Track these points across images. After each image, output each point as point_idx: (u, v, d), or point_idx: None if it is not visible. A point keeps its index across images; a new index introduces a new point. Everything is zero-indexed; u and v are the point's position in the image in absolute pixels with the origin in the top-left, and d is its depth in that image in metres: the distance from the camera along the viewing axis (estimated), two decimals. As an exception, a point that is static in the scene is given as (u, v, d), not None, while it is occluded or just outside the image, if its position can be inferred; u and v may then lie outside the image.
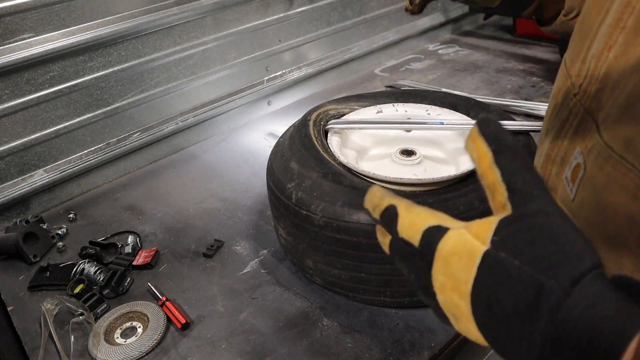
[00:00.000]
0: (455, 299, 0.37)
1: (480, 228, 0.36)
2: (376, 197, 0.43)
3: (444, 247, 0.37)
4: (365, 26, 1.83)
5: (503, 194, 0.36)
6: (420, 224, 0.39)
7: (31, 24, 1.10)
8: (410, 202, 0.42)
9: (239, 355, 0.81)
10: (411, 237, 0.39)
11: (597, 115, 0.45)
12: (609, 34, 0.45)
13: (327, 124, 1.00)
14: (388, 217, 0.42)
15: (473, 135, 0.38)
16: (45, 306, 0.89)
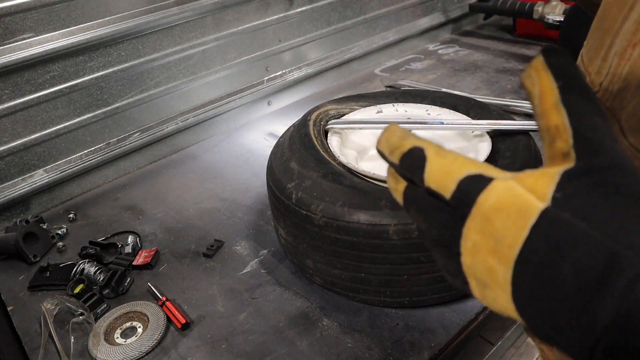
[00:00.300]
0: (492, 264, 0.30)
1: (538, 181, 0.29)
2: (395, 136, 0.36)
3: (486, 200, 0.30)
4: (365, 26, 1.83)
5: (568, 141, 0.30)
6: (457, 172, 0.32)
7: (31, 24, 1.10)
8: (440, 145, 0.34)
9: (239, 355, 0.81)
10: (443, 186, 0.32)
11: (619, 115, 0.44)
12: (634, 30, 0.43)
13: (327, 124, 1.00)
14: (412, 161, 0.34)
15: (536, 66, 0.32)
16: (45, 306, 0.89)
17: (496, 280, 0.30)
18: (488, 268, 0.31)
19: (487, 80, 1.70)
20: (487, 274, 0.31)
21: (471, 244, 0.31)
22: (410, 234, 0.74)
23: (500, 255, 0.30)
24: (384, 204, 0.76)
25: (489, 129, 0.93)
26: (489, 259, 0.30)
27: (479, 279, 0.32)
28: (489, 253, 0.30)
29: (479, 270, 0.31)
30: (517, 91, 1.61)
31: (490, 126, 0.93)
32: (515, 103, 1.45)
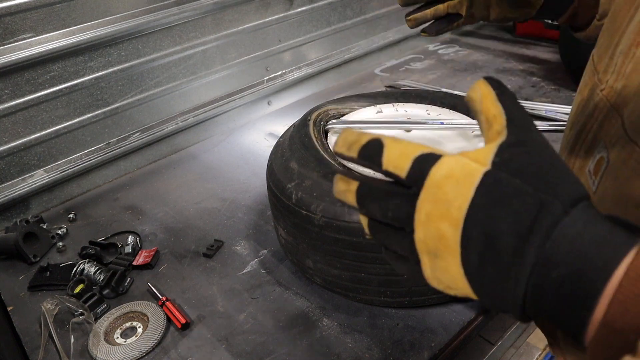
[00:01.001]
0: (443, 228, 0.35)
1: (479, 153, 0.36)
2: (352, 135, 0.40)
3: (437, 171, 0.35)
4: (365, 26, 1.83)
5: (502, 123, 0.37)
6: (411, 152, 0.37)
7: (31, 24, 1.10)
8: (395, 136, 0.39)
9: (239, 355, 0.81)
10: (399, 166, 0.37)
11: (622, 111, 0.46)
12: (637, 30, 0.45)
13: (327, 124, 1.00)
14: (371, 149, 0.38)
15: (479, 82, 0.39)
16: (45, 306, 0.89)
17: (447, 245, 0.35)
18: (440, 234, 0.35)
19: (487, 80, 1.70)
20: (438, 241, 0.35)
21: (424, 215, 0.35)
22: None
23: (451, 218, 0.34)
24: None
25: (489, 129, 0.93)
26: (440, 224, 0.35)
27: (431, 251, 0.36)
28: (440, 218, 0.35)
29: (431, 239, 0.35)
30: (517, 91, 1.61)
31: (490, 126, 0.93)
32: (515, 103, 1.45)
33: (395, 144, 0.38)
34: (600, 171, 0.48)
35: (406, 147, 0.37)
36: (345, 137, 0.40)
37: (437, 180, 0.35)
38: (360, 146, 0.39)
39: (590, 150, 0.51)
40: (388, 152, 0.37)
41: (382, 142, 0.38)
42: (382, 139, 0.38)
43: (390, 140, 0.38)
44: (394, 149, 0.37)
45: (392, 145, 0.38)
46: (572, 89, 1.57)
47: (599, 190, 0.48)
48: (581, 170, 0.53)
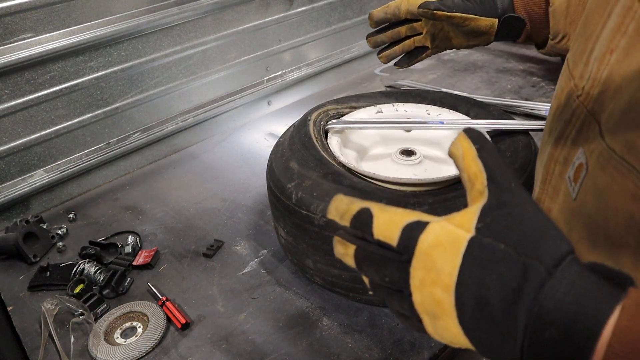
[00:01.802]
0: (437, 293, 0.36)
1: (463, 217, 0.37)
2: (343, 204, 0.43)
3: (425, 240, 0.37)
4: (365, 26, 1.82)
5: (483, 183, 0.38)
6: (399, 221, 0.39)
7: (31, 24, 1.09)
8: (383, 204, 0.41)
9: (239, 355, 0.81)
10: (389, 236, 0.39)
11: (599, 118, 0.46)
12: (610, 37, 0.45)
13: (327, 124, 1.00)
14: (361, 220, 0.41)
15: (459, 137, 0.41)
16: (45, 306, 0.89)
17: (443, 308, 0.36)
18: (435, 299, 0.37)
19: (487, 80, 1.70)
20: (435, 305, 0.37)
21: (418, 281, 0.37)
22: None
23: (443, 284, 0.36)
24: (384, 203, 0.76)
25: (489, 129, 0.93)
26: (434, 290, 0.36)
27: (429, 312, 0.37)
28: (433, 284, 0.36)
29: (427, 302, 0.37)
30: (517, 91, 1.61)
31: (490, 126, 0.93)
32: (515, 103, 1.46)
33: (382, 213, 0.40)
34: (580, 178, 0.48)
35: (393, 216, 0.40)
36: (336, 205, 0.43)
37: (425, 248, 0.37)
38: (351, 216, 0.41)
39: (569, 156, 0.51)
40: (377, 222, 0.40)
41: (371, 212, 0.40)
42: (371, 208, 0.41)
43: (378, 210, 0.40)
44: (382, 219, 0.40)
45: (380, 216, 0.40)
46: (572, 89, 1.57)
47: (579, 197, 0.48)
48: (561, 177, 0.53)
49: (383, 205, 0.41)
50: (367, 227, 0.40)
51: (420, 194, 0.79)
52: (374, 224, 0.40)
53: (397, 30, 0.95)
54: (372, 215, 0.40)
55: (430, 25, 0.92)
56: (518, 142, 0.89)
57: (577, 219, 0.48)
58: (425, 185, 0.82)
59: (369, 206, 0.41)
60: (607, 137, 0.44)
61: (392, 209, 0.40)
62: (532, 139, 0.92)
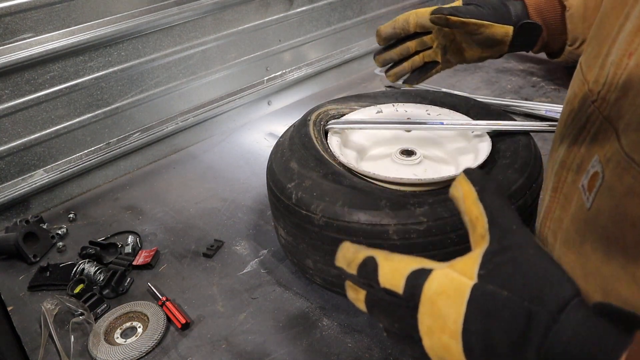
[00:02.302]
0: (445, 340, 0.37)
1: (465, 264, 0.38)
2: (350, 252, 0.43)
3: (429, 288, 0.38)
4: (365, 26, 1.83)
5: (484, 226, 0.39)
6: (403, 270, 0.40)
7: (31, 24, 1.09)
8: (387, 251, 0.42)
9: (239, 355, 0.81)
10: (394, 284, 0.40)
11: (617, 124, 0.44)
12: (629, 40, 0.43)
13: (327, 124, 1.00)
14: (367, 269, 0.42)
15: (459, 179, 0.41)
16: (45, 306, 0.89)
17: (452, 353, 0.37)
18: (443, 345, 0.37)
19: (487, 80, 1.70)
20: (444, 351, 0.37)
21: (426, 327, 0.38)
22: (410, 234, 0.74)
23: (450, 331, 0.37)
24: (384, 204, 0.76)
25: (489, 129, 0.93)
26: (442, 336, 0.37)
27: (440, 357, 0.38)
28: (441, 331, 0.37)
29: (437, 348, 0.38)
30: (517, 91, 1.61)
31: (490, 126, 0.93)
32: (515, 103, 1.46)
33: (387, 262, 0.41)
34: (595, 187, 0.46)
35: (398, 264, 0.40)
36: (343, 254, 0.44)
37: (430, 296, 0.38)
38: (357, 265, 0.42)
39: (583, 164, 0.49)
40: (382, 271, 0.41)
41: (376, 261, 0.41)
42: (376, 257, 0.42)
43: (382, 258, 0.41)
44: (386, 268, 0.41)
45: (385, 264, 0.41)
46: (572, 89, 1.57)
47: (594, 207, 0.46)
48: (574, 185, 0.51)
49: (387, 253, 0.42)
50: (373, 276, 0.41)
51: (420, 194, 0.79)
52: (379, 272, 0.41)
53: (406, 46, 0.90)
54: (377, 264, 0.41)
55: (442, 36, 0.88)
56: (518, 143, 0.89)
57: (591, 230, 0.46)
58: (425, 185, 0.82)
59: (373, 255, 0.42)
60: (625, 145, 0.42)
61: (397, 257, 0.41)
62: (532, 139, 0.92)
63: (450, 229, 0.74)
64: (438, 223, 0.74)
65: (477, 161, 0.86)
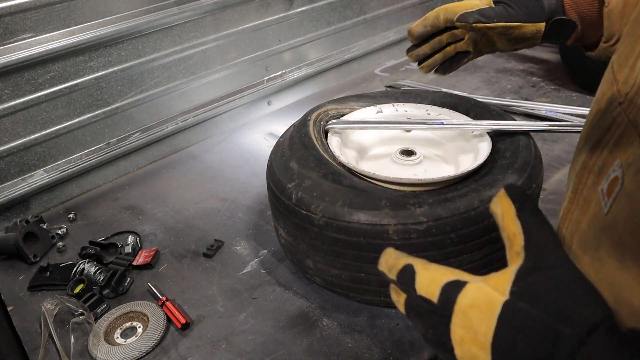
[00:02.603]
0: (475, 351, 0.38)
1: (499, 280, 0.39)
2: (391, 258, 0.46)
3: (463, 300, 0.39)
4: (365, 26, 1.83)
5: (520, 244, 0.39)
6: (439, 280, 0.41)
7: (31, 24, 1.10)
8: (426, 260, 0.44)
9: (239, 355, 0.81)
10: (430, 293, 0.41)
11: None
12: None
13: (327, 124, 1.00)
14: (406, 276, 0.44)
15: (500, 195, 0.42)
16: (45, 306, 0.89)
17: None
18: (473, 356, 0.38)
19: (487, 80, 1.70)
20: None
21: (458, 337, 0.39)
22: (410, 234, 0.74)
23: (480, 344, 0.37)
24: (384, 204, 0.76)
25: (489, 129, 0.93)
26: (472, 347, 0.38)
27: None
28: (471, 343, 0.38)
29: (467, 358, 0.39)
30: (517, 91, 1.61)
31: (490, 126, 0.93)
32: (515, 103, 1.46)
33: (424, 271, 0.43)
34: (614, 192, 0.45)
35: (434, 274, 0.42)
36: (386, 259, 0.46)
37: (463, 308, 0.39)
38: (397, 271, 0.45)
39: (605, 167, 0.47)
40: (419, 279, 0.42)
41: (414, 269, 0.43)
42: (414, 265, 0.44)
43: (420, 267, 0.43)
44: (424, 277, 0.42)
45: (422, 273, 0.43)
46: (572, 89, 1.57)
47: (611, 213, 0.45)
48: (594, 188, 0.49)
49: (426, 262, 0.44)
50: (410, 283, 0.43)
51: (420, 193, 0.79)
52: (416, 280, 0.43)
53: (437, 40, 0.91)
54: (415, 271, 0.43)
55: (472, 31, 0.87)
56: (518, 142, 0.89)
57: (607, 237, 0.45)
58: (425, 185, 0.82)
59: (412, 263, 0.44)
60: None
61: (434, 266, 0.43)
62: (532, 139, 0.92)
63: (450, 229, 0.74)
64: (438, 223, 0.74)
65: (477, 161, 0.86)
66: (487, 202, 0.76)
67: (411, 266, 0.44)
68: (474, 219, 0.75)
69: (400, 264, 0.44)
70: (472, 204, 0.75)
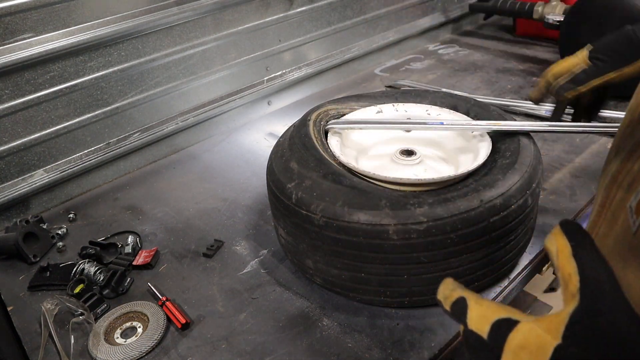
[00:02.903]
0: None
1: (551, 322, 0.38)
2: (448, 289, 0.46)
3: (513, 340, 0.39)
4: (365, 26, 1.83)
5: (576, 285, 0.38)
6: (490, 317, 0.41)
7: (31, 24, 1.09)
8: (478, 295, 0.44)
9: (239, 355, 0.81)
10: (480, 329, 0.41)
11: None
12: None
13: (327, 124, 1.00)
14: (458, 309, 0.44)
15: (555, 231, 0.41)
16: (45, 306, 0.89)
17: None
18: None
19: (487, 80, 1.70)
20: None
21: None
22: (410, 234, 0.74)
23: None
24: (384, 204, 0.76)
25: (488, 129, 0.93)
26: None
27: None
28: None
29: None
30: (517, 91, 1.61)
31: (490, 126, 0.93)
32: (515, 103, 1.45)
33: (477, 305, 0.43)
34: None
35: (486, 311, 0.42)
36: (443, 289, 0.47)
37: (513, 348, 0.39)
38: (451, 303, 0.45)
39: (635, 183, 0.47)
40: (471, 314, 0.43)
41: (467, 303, 0.44)
42: (467, 299, 0.44)
43: (473, 301, 0.44)
44: (475, 312, 0.43)
45: (474, 307, 0.43)
46: (572, 89, 1.57)
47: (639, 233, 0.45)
48: (622, 204, 0.49)
49: (479, 297, 0.44)
50: (462, 317, 0.44)
51: (420, 193, 0.79)
52: (468, 314, 0.43)
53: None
54: (467, 306, 0.43)
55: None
56: (518, 143, 0.89)
57: (635, 257, 0.45)
58: (425, 185, 0.82)
59: (466, 296, 0.44)
60: None
61: (486, 302, 0.43)
62: (533, 139, 0.92)
63: (450, 229, 0.74)
64: (438, 223, 0.74)
65: (477, 161, 0.86)
66: (487, 202, 0.76)
67: (464, 299, 0.44)
68: (474, 219, 0.75)
69: (454, 296, 0.45)
70: (472, 204, 0.75)
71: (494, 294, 0.87)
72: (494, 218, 0.76)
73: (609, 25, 1.41)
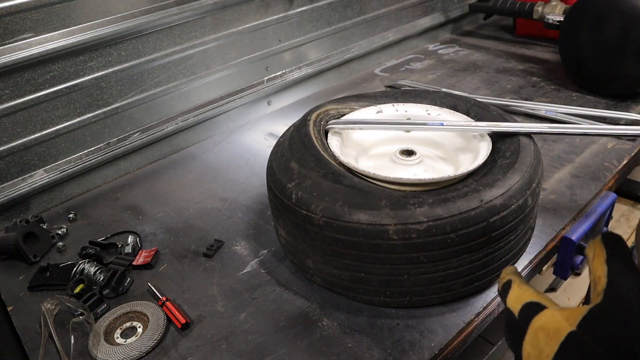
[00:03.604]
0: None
1: (573, 313, 0.42)
2: (505, 273, 0.53)
3: (537, 321, 0.44)
4: (365, 26, 1.83)
5: (602, 286, 0.42)
6: (524, 299, 0.47)
7: (31, 24, 1.10)
8: (524, 281, 0.50)
9: (239, 355, 0.81)
10: (514, 307, 0.48)
11: None
12: None
13: (327, 124, 1.00)
14: (504, 289, 0.51)
15: (595, 240, 0.46)
16: (45, 306, 0.89)
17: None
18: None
19: (487, 80, 1.70)
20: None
21: (526, 353, 0.44)
22: (410, 234, 0.74)
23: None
24: (384, 204, 0.76)
25: (489, 131, 0.93)
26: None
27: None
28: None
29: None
30: (517, 91, 1.61)
31: (490, 128, 0.93)
32: (515, 103, 1.45)
33: (517, 288, 0.50)
34: None
35: (523, 294, 0.48)
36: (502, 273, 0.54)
37: (535, 328, 0.44)
38: (502, 284, 0.52)
39: None
40: (510, 294, 0.50)
41: (511, 285, 0.50)
42: (513, 282, 0.51)
43: (516, 285, 0.50)
44: (514, 293, 0.49)
45: (515, 289, 0.50)
46: (572, 89, 1.57)
47: None
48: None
49: (522, 282, 0.50)
50: (504, 296, 0.50)
51: (420, 193, 0.79)
52: (509, 294, 0.50)
53: None
54: (511, 287, 0.50)
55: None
56: (518, 143, 0.89)
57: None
58: (425, 185, 0.82)
59: (513, 279, 0.51)
60: None
61: (526, 287, 0.49)
62: (533, 139, 0.92)
63: (450, 229, 0.74)
64: (438, 223, 0.74)
65: (477, 161, 0.86)
66: (487, 202, 0.76)
67: (510, 282, 0.50)
68: (474, 219, 0.75)
69: (505, 279, 0.51)
70: (472, 204, 0.75)
71: (494, 294, 0.87)
72: (494, 218, 0.76)
73: (609, 25, 1.41)
